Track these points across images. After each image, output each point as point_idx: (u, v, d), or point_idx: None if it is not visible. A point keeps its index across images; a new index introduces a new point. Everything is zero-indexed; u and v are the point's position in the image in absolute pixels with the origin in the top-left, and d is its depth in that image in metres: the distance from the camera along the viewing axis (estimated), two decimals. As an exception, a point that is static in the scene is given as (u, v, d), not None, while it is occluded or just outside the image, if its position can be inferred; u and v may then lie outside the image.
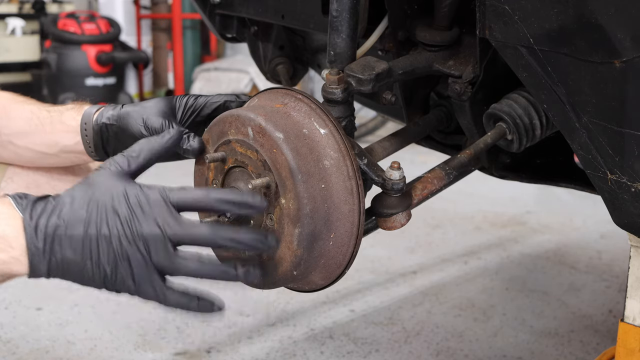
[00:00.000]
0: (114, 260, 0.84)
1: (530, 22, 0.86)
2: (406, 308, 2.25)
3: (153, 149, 0.93)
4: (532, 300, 2.32)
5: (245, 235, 0.87)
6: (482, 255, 2.76)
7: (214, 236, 0.86)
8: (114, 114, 1.09)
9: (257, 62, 1.70)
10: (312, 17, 1.33)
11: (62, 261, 0.84)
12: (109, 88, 5.60)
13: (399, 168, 0.98)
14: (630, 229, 0.95)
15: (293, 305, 2.24)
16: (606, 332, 2.09)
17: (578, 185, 1.22)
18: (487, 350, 1.98)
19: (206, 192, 0.88)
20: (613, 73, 0.80)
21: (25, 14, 5.81)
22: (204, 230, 0.86)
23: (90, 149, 1.11)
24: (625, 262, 2.58)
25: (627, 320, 1.09)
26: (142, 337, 2.02)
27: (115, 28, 5.72)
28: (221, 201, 0.87)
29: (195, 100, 1.10)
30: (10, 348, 1.94)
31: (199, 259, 0.87)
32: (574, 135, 0.89)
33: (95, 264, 0.84)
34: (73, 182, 1.18)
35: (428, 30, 1.13)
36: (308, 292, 1.04)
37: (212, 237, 0.86)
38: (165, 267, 0.85)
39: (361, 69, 1.05)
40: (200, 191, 0.88)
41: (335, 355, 1.94)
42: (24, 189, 1.14)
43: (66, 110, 1.12)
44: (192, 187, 0.90)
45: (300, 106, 0.97)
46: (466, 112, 1.13)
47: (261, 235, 0.88)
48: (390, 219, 1.02)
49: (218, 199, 0.87)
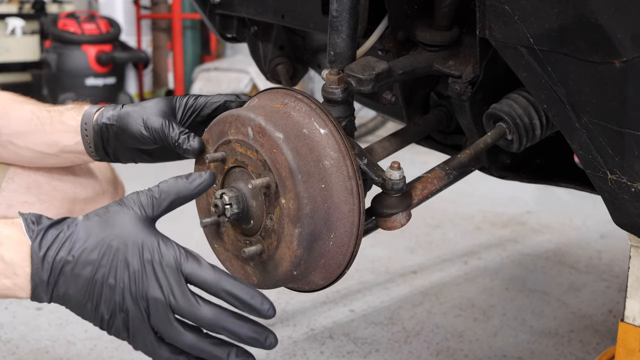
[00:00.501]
0: (113, 310, 0.84)
1: (530, 22, 0.86)
2: (406, 308, 2.25)
3: (180, 194, 0.91)
4: (532, 300, 2.32)
5: (247, 333, 0.86)
6: (482, 255, 2.76)
7: (215, 323, 0.85)
8: (114, 114, 1.09)
9: (257, 62, 1.70)
10: (312, 17, 1.33)
11: (64, 295, 0.84)
12: (109, 88, 5.60)
13: (399, 168, 0.98)
14: (630, 229, 0.95)
15: (293, 305, 2.24)
16: (606, 332, 2.09)
17: (578, 185, 1.22)
18: (487, 350, 1.98)
19: (218, 279, 0.86)
20: (613, 73, 0.80)
21: (25, 14, 5.81)
22: (207, 314, 0.84)
23: (90, 148, 1.11)
24: (625, 262, 2.58)
25: (627, 320, 1.09)
26: (142, 337, 2.02)
27: (115, 28, 5.72)
28: (229, 294, 0.85)
29: (195, 100, 1.10)
30: (10, 348, 1.94)
31: (197, 335, 0.86)
32: (574, 135, 0.89)
33: (95, 307, 0.84)
34: (73, 183, 1.19)
35: (428, 30, 1.13)
36: (308, 292, 1.04)
37: (213, 323, 0.85)
38: (162, 331, 0.85)
39: (361, 69, 1.05)
40: (213, 275, 0.86)
41: (335, 355, 1.93)
42: (25, 189, 1.14)
43: (66, 110, 1.12)
44: (207, 263, 0.87)
45: (300, 106, 0.98)
46: (466, 112, 1.13)
47: (262, 336, 0.87)
48: (390, 219, 1.02)
49: (227, 290, 0.85)
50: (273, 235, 0.94)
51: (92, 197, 1.21)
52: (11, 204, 1.12)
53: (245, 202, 0.96)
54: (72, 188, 1.18)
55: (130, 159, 1.13)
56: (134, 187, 1.04)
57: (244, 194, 0.96)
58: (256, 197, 0.96)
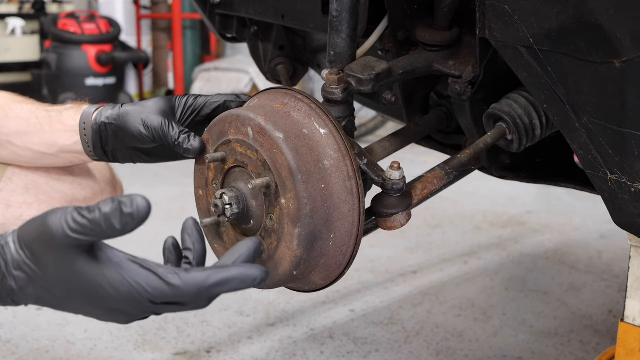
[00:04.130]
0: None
1: (530, 22, 0.86)
2: (406, 308, 2.25)
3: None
4: (532, 300, 2.32)
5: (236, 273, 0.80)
6: (482, 255, 2.76)
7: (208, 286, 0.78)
8: (113, 114, 1.09)
9: (257, 62, 1.70)
10: (312, 17, 1.33)
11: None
12: (109, 88, 5.60)
13: (399, 168, 0.98)
14: (630, 229, 0.95)
15: (293, 305, 2.24)
16: (606, 332, 2.09)
17: (578, 185, 1.22)
18: (487, 350, 1.98)
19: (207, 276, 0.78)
20: (613, 73, 0.80)
21: (25, 14, 5.82)
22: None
23: (88, 148, 1.11)
24: (625, 262, 2.58)
25: (627, 320, 1.09)
26: (142, 337, 2.02)
27: (115, 28, 5.72)
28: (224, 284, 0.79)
29: (195, 100, 1.09)
30: (10, 348, 1.94)
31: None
32: (574, 135, 0.89)
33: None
34: (72, 183, 1.19)
35: (428, 30, 1.13)
36: (308, 292, 1.04)
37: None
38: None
39: (361, 69, 1.05)
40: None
41: (335, 355, 1.93)
42: (23, 189, 1.14)
43: (65, 110, 1.12)
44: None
45: (300, 106, 0.97)
46: (466, 112, 1.13)
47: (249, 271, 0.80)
48: (390, 219, 1.02)
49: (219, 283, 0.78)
50: (273, 235, 0.94)
51: (91, 197, 1.21)
52: (9, 204, 1.12)
53: (245, 202, 0.96)
54: (70, 188, 1.18)
55: (128, 158, 1.13)
56: (134, 187, 1.04)
57: (244, 194, 0.96)
58: (256, 197, 0.96)
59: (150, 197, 0.80)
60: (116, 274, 0.77)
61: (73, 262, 0.77)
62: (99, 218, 0.74)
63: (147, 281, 0.77)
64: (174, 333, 2.04)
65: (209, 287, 0.78)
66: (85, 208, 0.75)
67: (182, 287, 0.77)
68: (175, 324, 2.09)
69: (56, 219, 0.76)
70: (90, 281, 0.77)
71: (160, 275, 0.77)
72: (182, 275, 0.78)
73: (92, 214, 0.74)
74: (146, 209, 0.74)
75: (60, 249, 0.76)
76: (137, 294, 0.77)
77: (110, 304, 0.79)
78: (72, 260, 0.77)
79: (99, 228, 0.74)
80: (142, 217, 0.74)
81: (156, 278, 0.77)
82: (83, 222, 0.74)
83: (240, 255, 0.83)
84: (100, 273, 0.77)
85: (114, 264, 0.78)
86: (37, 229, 0.77)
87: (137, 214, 0.73)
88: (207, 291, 0.78)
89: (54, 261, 0.77)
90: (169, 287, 0.77)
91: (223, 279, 0.78)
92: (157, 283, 0.77)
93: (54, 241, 0.76)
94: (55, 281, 0.78)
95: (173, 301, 0.79)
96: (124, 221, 0.73)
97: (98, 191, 1.22)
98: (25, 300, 0.81)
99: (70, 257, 0.76)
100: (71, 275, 0.77)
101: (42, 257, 0.77)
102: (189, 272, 0.78)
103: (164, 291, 0.77)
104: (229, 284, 0.79)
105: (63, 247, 0.76)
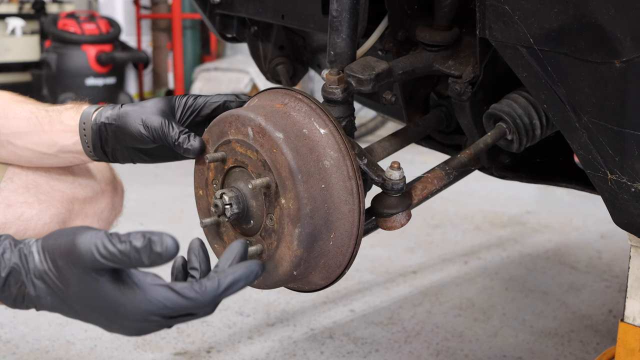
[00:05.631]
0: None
1: (530, 22, 0.86)
2: (406, 308, 2.25)
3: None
4: (532, 300, 2.32)
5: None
6: (482, 255, 2.76)
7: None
8: (112, 114, 1.08)
9: (257, 62, 1.70)
10: (312, 17, 1.33)
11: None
12: (109, 88, 5.60)
13: (399, 168, 0.98)
14: (630, 229, 0.95)
15: (293, 305, 2.24)
16: (606, 332, 2.09)
17: (578, 185, 1.22)
18: (487, 350, 1.98)
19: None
20: (613, 73, 0.80)
21: (25, 14, 5.81)
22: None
23: (88, 148, 1.11)
24: (625, 262, 2.58)
25: (627, 320, 1.09)
26: (142, 337, 2.02)
27: (115, 28, 5.72)
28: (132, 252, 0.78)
29: (195, 100, 1.09)
30: (10, 348, 1.94)
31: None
32: (574, 135, 0.89)
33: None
34: (72, 183, 1.19)
35: (428, 30, 1.13)
36: (308, 292, 1.04)
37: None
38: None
39: (361, 69, 1.05)
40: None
41: (335, 355, 1.93)
42: (23, 189, 1.14)
43: (65, 110, 1.12)
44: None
45: (300, 106, 0.97)
46: (466, 112, 1.13)
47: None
48: (390, 219, 1.02)
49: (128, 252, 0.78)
50: (273, 235, 0.94)
51: (91, 197, 1.21)
52: (10, 204, 1.12)
53: (245, 202, 0.96)
54: (71, 188, 1.18)
55: (128, 159, 1.13)
56: (134, 187, 1.03)
57: (244, 194, 0.96)
58: (256, 197, 0.96)
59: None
60: (138, 293, 0.81)
61: (97, 281, 0.80)
62: (128, 251, 0.77)
63: (167, 298, 0.80)
64: (174, 333, 2.04)
65: (222, 292, 0.82)
66: (115, 235, 0.78)
67: (200, 298, 0.81)
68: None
69: (86, 240, 0.79)
70: (111, 300, 0.81)
71: (178, 290, 0.81)
72: (197, 287, 0.81)
73: (122, 245, 0.77)
74: (174, 250, 0.77)
75: (85, 269, 0.80)
76: (157, 311, 0.81)
77: (128, 320, 0.82)
78: (96, 279, 0.80)
79: (127, 259, 0.78)
80: (169, 258, 0.78)
81: (174, 294, 0.80)
82: (113, 250, 0.78)
83: (235, 256, 0.86)
84: (121, 292, 0.81)
85: (135, 284, 0.81)
86: (66, 245, 0.81)
87: (165, 254, 0.77)
88: (220, 297, 0.82)
89: (77, 278, 0.80)
90: (187, 300, 0.80)
91: (232, 281, 0.82)
92: (176, 299, 0.80)
93: (81, 261, 0.79)
94: (76, 296, 0.82)
95: (188, 313, 0.82)
96: (152, 258, 0.77)
97: (98, 191, 1.22)
98: (41, 307, 0.84)
99: (95, 276, 0.80)
100: (94, 294, 0.81)
101: (65, 273, 0.81)
102: (200, 283, 0.81)
103: (182, 305, 0.81)
104: (237, 285, 0.82)
105: (88, 268, 0.79)
